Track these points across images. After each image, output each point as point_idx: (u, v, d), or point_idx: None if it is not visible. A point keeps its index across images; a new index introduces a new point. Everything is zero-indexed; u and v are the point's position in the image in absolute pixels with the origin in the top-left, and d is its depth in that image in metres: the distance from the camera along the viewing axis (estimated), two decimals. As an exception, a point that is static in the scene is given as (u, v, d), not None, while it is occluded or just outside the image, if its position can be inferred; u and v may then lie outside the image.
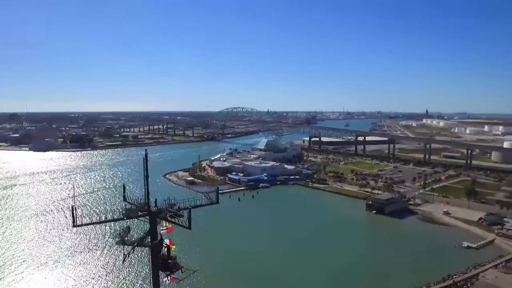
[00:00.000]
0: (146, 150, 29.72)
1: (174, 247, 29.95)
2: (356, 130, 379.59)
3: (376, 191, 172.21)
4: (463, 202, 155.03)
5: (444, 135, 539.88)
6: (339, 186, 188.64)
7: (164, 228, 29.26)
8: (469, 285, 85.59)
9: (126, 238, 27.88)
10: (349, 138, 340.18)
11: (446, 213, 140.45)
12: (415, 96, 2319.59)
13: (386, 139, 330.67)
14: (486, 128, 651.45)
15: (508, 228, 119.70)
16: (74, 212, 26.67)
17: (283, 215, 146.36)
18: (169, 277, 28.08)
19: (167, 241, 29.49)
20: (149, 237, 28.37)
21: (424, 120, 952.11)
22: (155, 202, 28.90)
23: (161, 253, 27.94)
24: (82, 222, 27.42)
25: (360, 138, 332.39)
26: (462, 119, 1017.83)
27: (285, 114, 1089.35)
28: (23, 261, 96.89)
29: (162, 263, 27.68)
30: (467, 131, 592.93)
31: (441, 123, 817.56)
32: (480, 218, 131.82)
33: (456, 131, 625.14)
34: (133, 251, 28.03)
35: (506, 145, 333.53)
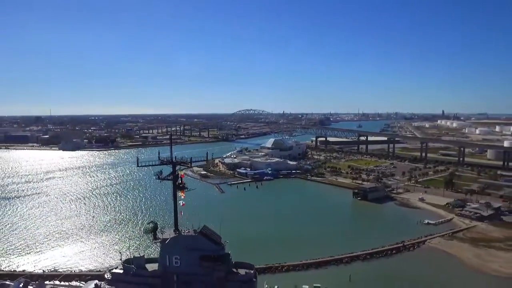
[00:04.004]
0: (170, 132, 56.28)
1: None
2: (358, 130, 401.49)
3: (366, 183, 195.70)
4: (440, 192, 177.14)
5: (452, 135, 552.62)
6: (334, 179, 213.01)
7: (181, 174, 56.20)
8: (415, 247, 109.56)
9: (160, 176, 55.01)
10: (352, 138, 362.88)
11: (421, 200, 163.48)
12: (436, 97, 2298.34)
13: (385, 138, 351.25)
14: (497, 128, 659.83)
15: (466, 209, 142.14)
16: (138, 158, 53.92)
17: (281, 199, 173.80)
18: (182, 195, 55.02)
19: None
20: (172, 175, 55.28)
21: (439, 121, 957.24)
22: (175, 157, 55.78)
23: (177, 182, 54.87)
24: (142, 164, 55.22)
25: (362, 138, 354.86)
26: (480, 119, 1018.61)
27: (300, 115, 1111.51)
28: (75, 228, 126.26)
29: (178, 186, 54.66)
30: (477, 132, 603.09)
31: (454, 124, 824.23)
32: (447, 203, 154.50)
33: (466, 131, 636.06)
34: (163, 180, 55.26)
35: (506, 144, 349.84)
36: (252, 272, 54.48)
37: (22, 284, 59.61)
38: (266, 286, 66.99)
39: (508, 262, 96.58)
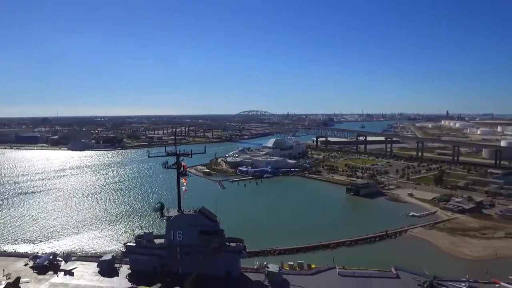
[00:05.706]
0: (175, 129, 67.85)
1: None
2: (357, 130, 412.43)
3: (359, 180, 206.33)
4: (429, 188, 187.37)
5: (453, 135, 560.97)
6: (330, 176, 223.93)
7: (183, 164, 67.94)
8: (397, 235, 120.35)
9: (166, 165, 66.77)
10: (352, 138, 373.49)
11: (410, 195, 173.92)
12: (442, 98, 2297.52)
13: (383, 138, 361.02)
14: (499, 128, 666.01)
15: (450, 203, 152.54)
16: (148, 151, 65.69)
17: (278, 194, 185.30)
18: (184, 182, 66.67)
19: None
20: (176, 164, 66.99)
21: (442, 122, 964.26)
22: (179, 150, 67.50)
23: (180, 170, 66.63)
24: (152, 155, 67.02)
25: (361, 138, 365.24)
26: (485, 120, 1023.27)
27: (304, 116, 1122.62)
28: (89, 219, 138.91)
29: (181, 173, 66.44)
30: (478, 132, 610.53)
31: (457, 124, 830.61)
32: (433, 198, 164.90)
33: (467, 131, 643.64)
34: (168, 169, 66.94)
35: (503, 143, 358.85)
36: (241, 244, 66.05)
37: (51, 256, 71.50)
38: (257, 262, 78.37)
39: (478, 247, 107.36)
